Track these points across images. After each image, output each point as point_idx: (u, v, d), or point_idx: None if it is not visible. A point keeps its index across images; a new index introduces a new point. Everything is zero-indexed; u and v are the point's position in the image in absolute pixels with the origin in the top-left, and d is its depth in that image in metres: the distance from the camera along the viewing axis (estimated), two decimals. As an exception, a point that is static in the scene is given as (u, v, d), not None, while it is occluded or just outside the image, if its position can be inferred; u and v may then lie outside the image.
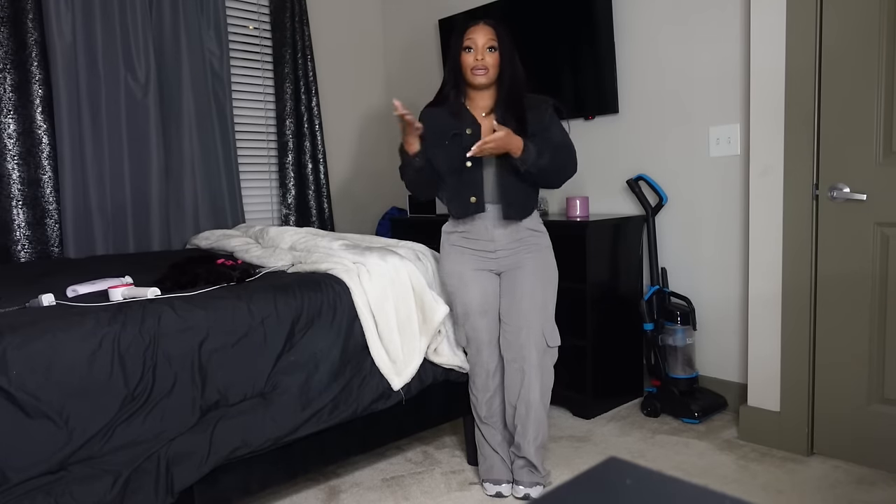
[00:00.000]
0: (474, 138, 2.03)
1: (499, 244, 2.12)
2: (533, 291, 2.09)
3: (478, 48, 2.02)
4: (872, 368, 2.22)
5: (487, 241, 2.12)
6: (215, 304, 1.81)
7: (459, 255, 2.15)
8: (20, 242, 2.86)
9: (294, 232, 2.64)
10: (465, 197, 2.09)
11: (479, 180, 2.08)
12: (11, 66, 2.82)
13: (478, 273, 2.14)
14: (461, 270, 2.14)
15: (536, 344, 2.07)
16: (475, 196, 2.08)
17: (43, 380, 1.51)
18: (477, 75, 2.03)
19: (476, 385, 2.19)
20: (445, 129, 2.08)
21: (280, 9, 3.66)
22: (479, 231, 2.12)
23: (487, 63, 2.02)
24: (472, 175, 2.08)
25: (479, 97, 2.10)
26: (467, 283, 2.13)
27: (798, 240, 2.33)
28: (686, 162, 2.90)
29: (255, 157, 3.74)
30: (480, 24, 2.06)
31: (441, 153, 2.08)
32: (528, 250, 2.12)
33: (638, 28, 3.01)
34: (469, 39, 2.03)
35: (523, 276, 2.10)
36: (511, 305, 2.10)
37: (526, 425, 2.10)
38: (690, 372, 2.76)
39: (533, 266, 2.11)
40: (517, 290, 2.10)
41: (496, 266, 2.15)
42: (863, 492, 2.09)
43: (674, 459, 2.38)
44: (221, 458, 1.71)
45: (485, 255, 2.13)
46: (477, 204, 2.08)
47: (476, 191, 2.08)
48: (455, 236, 2.17)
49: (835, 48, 2.22)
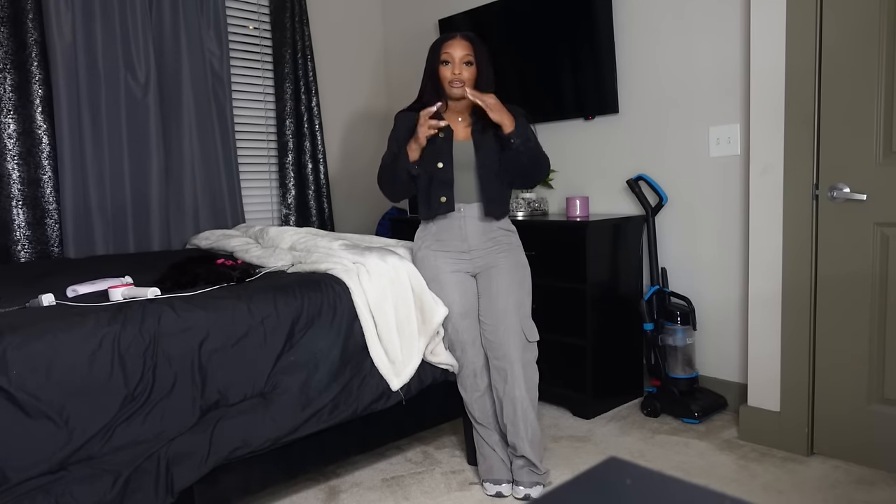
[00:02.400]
0: (447, 141, 2.15)
1: (472, 244, 2.18)
2: (509, 289, 2.15)
3: (455, 62, 2.12)
4: (872, 368, 2.22)
5: (461, 240, 2.18)
6: (215, 304, 1.81)
7: (435, 258, 2.20)
8: (20, 242, 2.86)
9: (294, 232, 2.64)
10: (436, 197, 2.16)
11: (450, 181, 2.16)
12: (11, 66, 2.82)
13: (454, 275, 2.19)
14: (437, 274, 2.19)
15: (516, 341, 2.12)
16: (445, 196, 2.15)
17: (43, 380, 1.51)
18: (454, 87, 2.12)
19: (464, 385, 2.21)
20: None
21: (280, 9, 3.66)
22: (453, 231, 2.18)
23: (464, 77, 2.12)
24: (443, 176, 2.15)
25: (455, 105, 2.20)
26: (445, 286, 2.17)
27: (798, 240, 2.33)
28: (686, 162, 2.90)
29: (255, 157, 3.74)
30: (457, 37, 2.15)
31: None
32: (500, 250, 2.19)
33: (638, 28, 3.01)
34: (446, 53, 2.12)
35: (499, 276, 2.17)
36: (489, 305, 2.16)
37: (515, 423, 2.11)
38: (690, 372, 2.76)
39: (507, 265, 2.18)
40: (493, 289, 2.16)
41: (471, 267, 2.21)
42: (863, 492, 2.09)
43: (674, 459, 2.38)
44: (221, 458, 1.71)
45: (459, 255, 2.19)
46: (446, 203, 2.15)
47: (446, 191, 2.15)
48: (429, 240, 2.23)
49: (835, 48, 2.22)
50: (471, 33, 2.18)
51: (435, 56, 2.15)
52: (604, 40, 3.04)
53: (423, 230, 2.26)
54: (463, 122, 2.21)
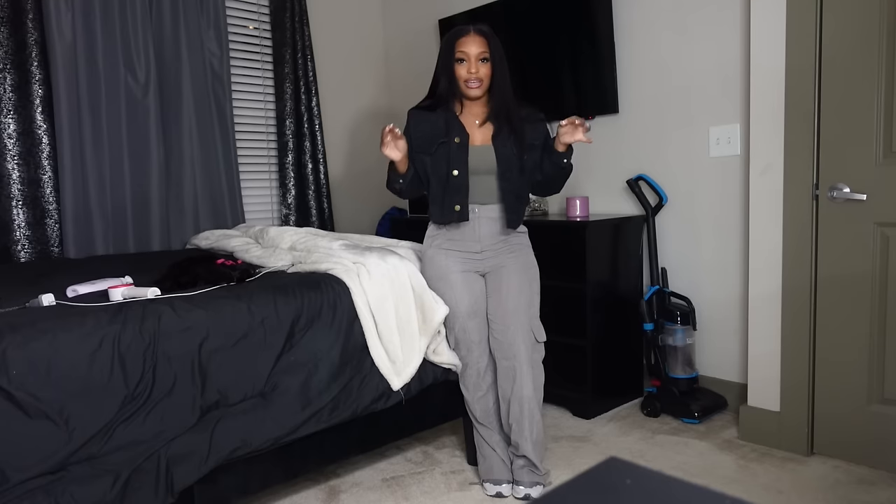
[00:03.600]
0: (462, 147, 2.09)
1: (484, 244, 2.17)
2: (519, 290, 2.13)
3: (471, 60, 2.05)
4: (872, 368, 2.22)
5: (474, 241, 2.16)
6: (215, 304, 1.81)
7: (444, 257, 2.18)
8: (20, 242, 2.86)
9: (294, 232, 2.64)
10: (450, 205, 2.12)
11: (465, 188, 2.11)
12: (11, 66, 2.82)
13: (464, 275, 2.17)
14: (446, 273, 2.17)
15: (525, 341, 2.11)
16: (459, 205, 2.11)
17: (43, 380, 1.51)
18: (471, 87, 2.07)
19: (467, 385, 2.21)
20: (434, 136, 2.12)
21: (280, 9, 3.66)
22: (467, 233, 2.16)
23: (481, 75, 2.06)
24: (458, 183, 2.11)
25: (473, 105, 2.15)
26: (454, 286, 2.16)
27: (798, 240, 2.33)
28: (686, 162, 2.90)
29: (255, 157, 3.74)
30: (472, 33, 2.06)
31: (428, 160, 2.14)
32: (510, 250, 2.18)
33: (638, 28, 3.01)
34: (461, 52, 2.05)
35: (508, 276, 2.15)
36: (498, 305, 2.14)
37: (521, 423, 2.10)
38: (690, 372, 2.76)
39: (516, 265, 2.16)
40: (503, 289, 2.14)
41: (481, 267, 2.19)
42: (863, 492, 2.09)
43: (674, 459, 2.38)
44: (221, 458, 1.71)
45: (470, 255, 2.17)
46: (461, 213, 2.11)
47: (461, 199, 2.11)
48: (440, 239, 2.20)
49: (835, 48, 2.22)
50: (485, 27, 2.09)
51: (449, 53, 2.07)
52: (604, 40, 3.04)
53: (434, 229, 2.21)
54: (479, 125, 2.14)
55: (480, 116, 2.15)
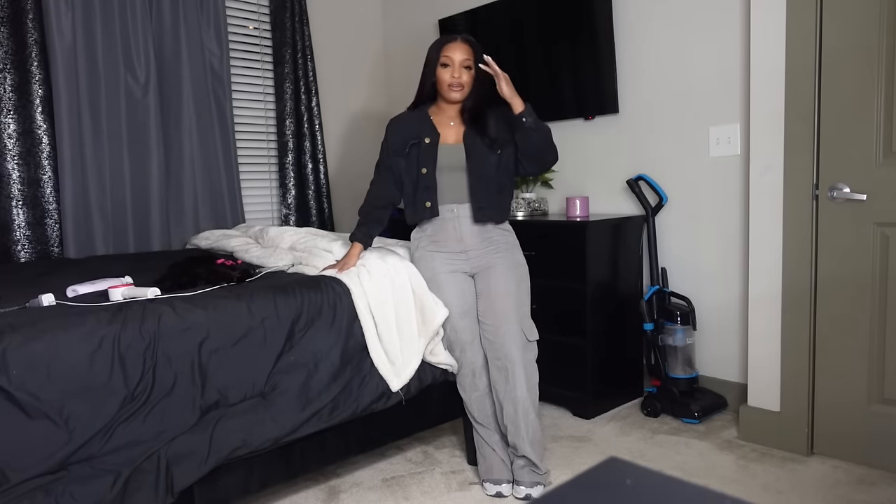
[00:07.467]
0: (432, 146, 2.16)
1: (468, 244, 2.19)
2: (508, 289, 2.15)
3: (455, 65, 2.12)
4: (872, 368, 2.22)
5: (456, 241, 2.19)
6: (215, 304, 1.81)
7: (431, 259, 2.21)
8: (20, 242, 2.86)
9: (294, 232, 2.64)
10: (421, 202, 2.18)
11: (434, 185, 2.16)
12: (11, 66, 2.82)
13: (452, 275, 2.19)
14: (434, 274, 2.19)
15: (516, 340, 2.12)
16: (429, 201, 2.16)
17: (43, 380, 1.51)
18: (453, 91, 2.14)
19: (463, 385, 2.21)
20: (408, 138, 2.19)
21: (280, 9, 3.66)
22: (448, 232, 2.19)
23: (463, 81, 2.13)
24: (427, 181, 2.16)
25: (448, 107, 2.21)
26: (443, 286, 2.17)
27: (798, 240, 2.33)
28: (686, 162, 2.90)
29: (255, 157, 3.74)
30: (458, 40, 2.15)
31: (403, 161, 2.21)
32: (497, 250, 2.20)
33: (638, 28, 3.01)
34: (446, 56, 2.13)
35: (497, 276, 2.17)
36: (488, 305, 2.16)
37: (517, 423, 2.11)
38: (690, 372, 2.76)
39: (504, 265, 2.18)
40: (492, 289, 2.16)
41: (468, 267, 2.21)
42: (863, 492, 2.09)
43: (674, 459, 2.38)
44: (221, 458, 1.71)
45: (454, 256, 2.20)
46: (431, 209, 2.17)
47: (430, 196, 2.17)
48: (424, 241, 2.23)
49: (835, 48, 2.22)
50: (471, 37, 2.18)
51: (434, 57, 2.15)
52: (604, 40, 3.04)
53: (418, 231, 2.26)
54: (454, 126, 2.20)
55: (455, 117, 2.21)
